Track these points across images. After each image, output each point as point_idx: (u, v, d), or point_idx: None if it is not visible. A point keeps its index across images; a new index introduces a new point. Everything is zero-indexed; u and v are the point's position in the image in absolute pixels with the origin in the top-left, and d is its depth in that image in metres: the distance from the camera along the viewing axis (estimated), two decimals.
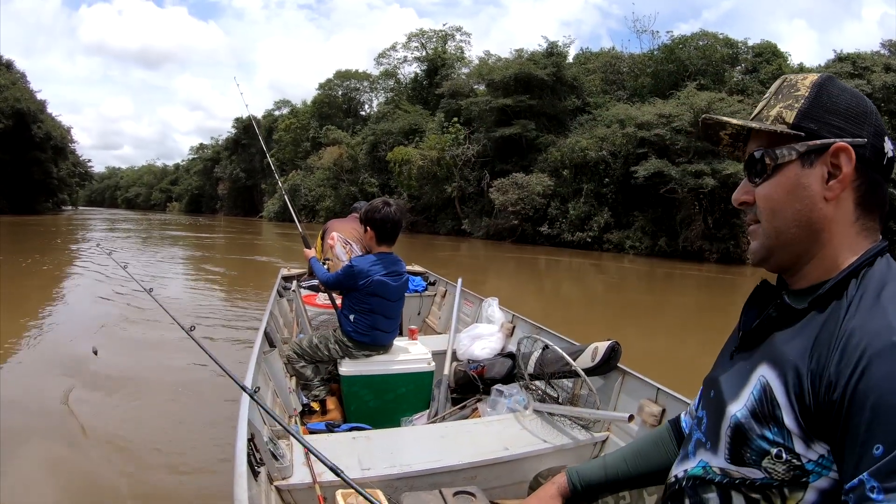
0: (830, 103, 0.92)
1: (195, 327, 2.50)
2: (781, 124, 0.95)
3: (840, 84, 0.95)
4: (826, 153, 0.90)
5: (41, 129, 45.22)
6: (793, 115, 0.94)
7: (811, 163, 0.92)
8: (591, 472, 1.37)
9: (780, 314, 0.95)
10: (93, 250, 16.37)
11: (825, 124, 0.91)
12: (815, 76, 0.96)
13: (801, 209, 0.93)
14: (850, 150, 0.88)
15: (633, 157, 24.80)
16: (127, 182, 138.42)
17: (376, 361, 3.24)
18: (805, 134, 0.93)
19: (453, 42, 49.40)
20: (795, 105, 0.95)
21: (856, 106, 0.92)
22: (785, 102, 0.96)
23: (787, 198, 0.94)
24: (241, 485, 1.63)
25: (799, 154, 0.93)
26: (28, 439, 3.76)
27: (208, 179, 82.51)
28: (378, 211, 3.21)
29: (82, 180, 68.82)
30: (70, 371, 5.26)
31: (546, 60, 32.06)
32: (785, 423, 0.86)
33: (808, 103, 0.93)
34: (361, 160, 44.25)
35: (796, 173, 0.93)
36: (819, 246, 0.94)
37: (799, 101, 0.95)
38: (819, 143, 0.91)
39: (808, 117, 0.93)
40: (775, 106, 0.98)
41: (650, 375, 2.62)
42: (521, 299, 11.10)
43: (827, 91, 0.93)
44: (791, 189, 0.94)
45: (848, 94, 0.93)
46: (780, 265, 1.00)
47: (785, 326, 0.94)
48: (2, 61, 46.54)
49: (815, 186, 0.91)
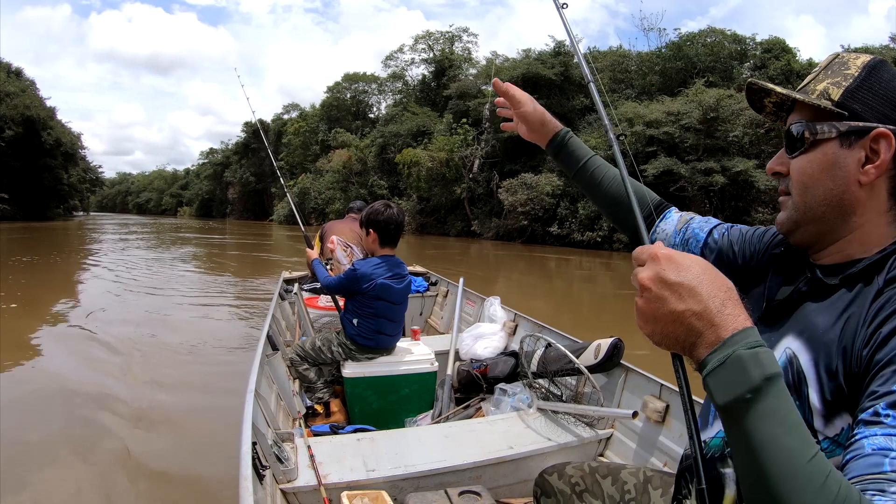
0: (880, 87, 0.89)
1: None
2: (826, 100, 0.92)
3: (893, 70, 0.91)
4: (867, 137, 0.88)
5: (51, 135, 45.64)
6: (839, 93, 0.91)
7: (850, 144, 0.89)
8: (578, 147, 1.45)
9: (811, 288, 0.94)
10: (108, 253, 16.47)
11: (870, 107, 0.89)
12: (868, 57, 0.93)
13: (833, 188, 0.91)
14: (891, 138, 0.86)
15: (643, 156, 24.67)
16: (138, 187, 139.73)
17: (379, 363, 3.24)
18: (849, 114, 0.90)
19: (460, 43, 49.60)
20: (843, 83, 0.91)
21: None
22: (833, 79, 0.93)
23: (821, 175, 0.93)
24: (247, 488, 1.63)
25: (839, 133, 0.90)
26: (30, 443, 3.80)
27: (218, 184, 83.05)
28: (381, 213, 3.20)
29: (93, 186, 69.35)
30: (70, 374, 5.32)
31: (553, 60, 32.05)
32: (810, 398, 0.84)
33: (857, 83, 0.90)
34: (370, 162, 44.38)
35: (834, 152, 0.91)
36: (847, 229, 0.92)
37: (847, 79, 0.91)
38: (861, 126, 0.88)
39: (854, 97, 0.90)
40: (823, 80, 0.95)
41: (654, 372, 2.61)
42: (530, 300, 11.09)
43: (878, 74, 0.90)
44: (826, 167, 0.92)
45: None
46: (805, 240, 0.98)
47: (814, 300, 0.92)
48: (11, 69, 47.03)
49: (851, 168, 0.89)
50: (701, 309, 0.71)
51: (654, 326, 0.76)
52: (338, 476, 2.07)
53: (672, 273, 0.73)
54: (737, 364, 0.66)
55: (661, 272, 0.74)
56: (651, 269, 0.76)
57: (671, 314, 0.73)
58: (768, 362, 0.66)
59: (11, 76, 45.95)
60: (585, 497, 1.45)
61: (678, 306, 0.72)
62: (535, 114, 1.46)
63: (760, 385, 0.65)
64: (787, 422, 0.64)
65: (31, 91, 47.17)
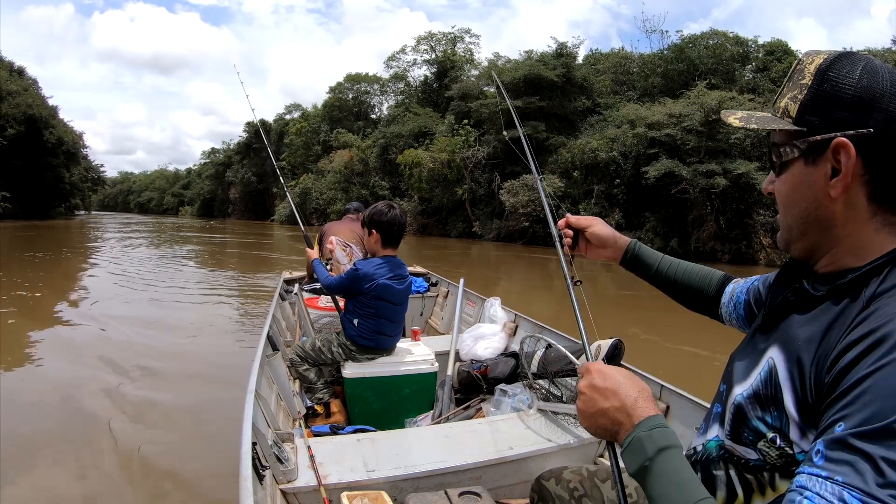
0: (833, 92, 0.86)
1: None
2: (787, 118, 0.92)
3: (849, 65, 0.86)
4: (828, 149, 0.85)
5: (53, 134, 45.69)
6: (796, 109, 0.90)
7: (814, 160, 0.88)
8: (648, 255, 1.49)
9: (797, 298, 0.94)
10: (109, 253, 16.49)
11: (827, 116, 0.86)
12: (822, 58, 0.89)
13: (808, 207, 0.91)
14: (847, 145, 0.83)
15: (644, 158, 24.67)
16: (139, 187, 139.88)
17: (380, 363, 3.24)
18: (808, 129, 0.88)
19: (462, 44, 49.60)
20: (799, 96, 0.90)
21: (863, 90, 0.84)
22: (792, 92, 0.91)
23: (794, 195, 0.93)
24: (247, 488, 1.64)
25: (801, 151, 0.89)
26: (32, 442, 3.81)
27: (220, 184, 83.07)
28: (384, 214, 3.21)
29: (95, 185, 69.31)
30: (68, 375, 5.32)
31: (555, 61, 31.99)
32: (786, 406, 0.85)
33: (811, 95, 0.88)
34: (372, 163, 44.39)
35: (801, 171, 0.90)
36: (833, 241, 0.90)
37: (802, 91, 0.89)
38: (819, 139, 0.86)
39: (809, 110, 0.88)
40: (786, 95, 0.93)
41: (654, 373, 2.61)
42: (530, 300, 11.09)
43: (830, 78, 0.86)
44: (796, 187, 0.92)
45: (854, 79, 0.85)
46: (800, 254, 0.98)
47: (801, 311, 0.92)
48: (13, 68, 47.09)
49: (819, 184, 0.88)
50: (620, 405, 0.93)
51: (590, 420, 0.98)
52: (338, 476, 2.07)
53: (599, 381, 0.97)
54: (638, 443, 0.88)
55: (592, 380, 0.98)
56: (586, 379, 1.00)
57: (600, 410, 0.95)
58: (661, 439, 0.87)
59: (14, 75, 46.02)
60: (585, 502, 1.43)
61: (604, 404, 0.95)
62: (606, 230, 1.52)
63: (653, 456, 0.85)
64: (673, 480, 0.83)
65: (34, 90, 47.25)
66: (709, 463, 1.01)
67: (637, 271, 1.50)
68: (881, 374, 0.69)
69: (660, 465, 0.84)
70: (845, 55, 0.88)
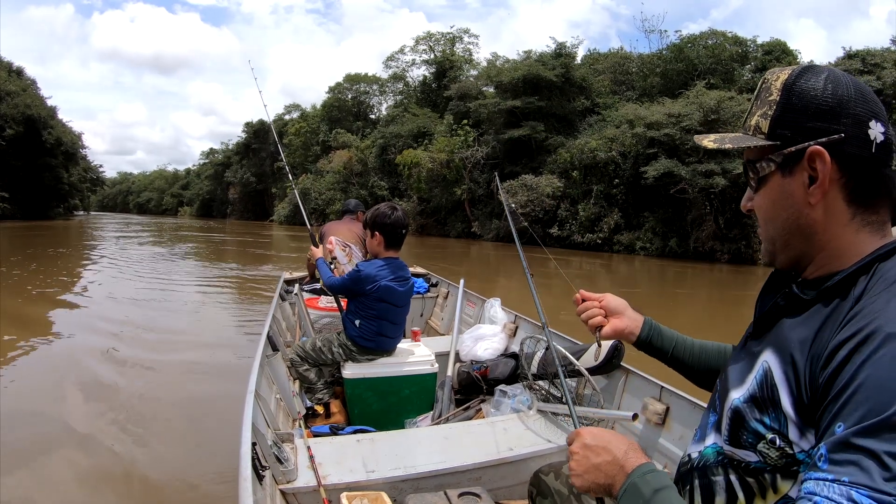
0: (801, 104, 0.90)
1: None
2: (760, 134, 0.95)
3: (813, 77, 0.91)
4: (803, 159, 0.89)
5: (52, 134, 45.55)
6: (767, 125, 0.94)
7: (791, 171, 0.91)
8: (663, 336, 1.44)
9: (787, 303, 0.95)
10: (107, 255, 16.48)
11: (798, 127, 0.89)
12: (787, 74, 0.93)
13: (789, 217, 0.93)
14: (821, 153, 0.86)
15: (643, 158, 24.67)
16: (139, 187, 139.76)
17: (380, 364, 3.23)
18: (781, 142, 0.91)
19: (461, 44, 49.60)
20: (769, 112, 0.94)
21: (830, 98, 0.88)
22: (761, 109, 0.95)
23: (774, 208, 0.96)
24: (246, 489, 1.63)
25: (777, 164, 0.93)
26: (31, 442, 3.81)
27: (219, 184, 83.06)
28: (388, 217, 3.20)
29: (94, 185, 69.14)
30: (65, 375, 5.32)
31: (554, 62, 31.98)
32: (783, 407, 0.86)
33: (780, 110, 0.92)
34: (371, 163, 44.41)
35: (779, 183, 0.93)
36: (816, 247, 0.92)
37: (772, 107, 0.93)
38: (794, 150, 0.90)
39: (780, 124, 0.92)
40: (755, 113, 0.97)
41: (655, 374, 2.60)
42: (529, 300, 11.05)
43: (797, 91, 0.90)
44: (776, 199, 0.95)
45: (820, 88, 0.89)
46: (785, 265, 1.00)
47: (792, 315, 0.93)
48: (12, 68, 47.04)
49: (798, 194, 0.91)
50: (611, 458, 1.00)
51: (584, 477, 1.03)
52: (337, 477, 2.07)
53: (590, 440, 1.05)
54: (633, 488, 0.94)
55: (583, 440, 1.06)
56: (578, 441, 1.07)
57: (593, 466, 1.02)
58: (655, 481, 0.93)
59: (12, 75, 45.95)
60: (584, 499, 1.41)
61: (597, 460, 1.02)
62: (617, 300, 1.51)
63: (650, 497, 0.91)
64: None
65: (32, 90, 47.17)
66: (706, 469, 1.02)
67: (652, 355, 1.47)
68: (872, 369, 0.71)
69: (658, 502, 0.91)
70: (808, 68, 0.93)
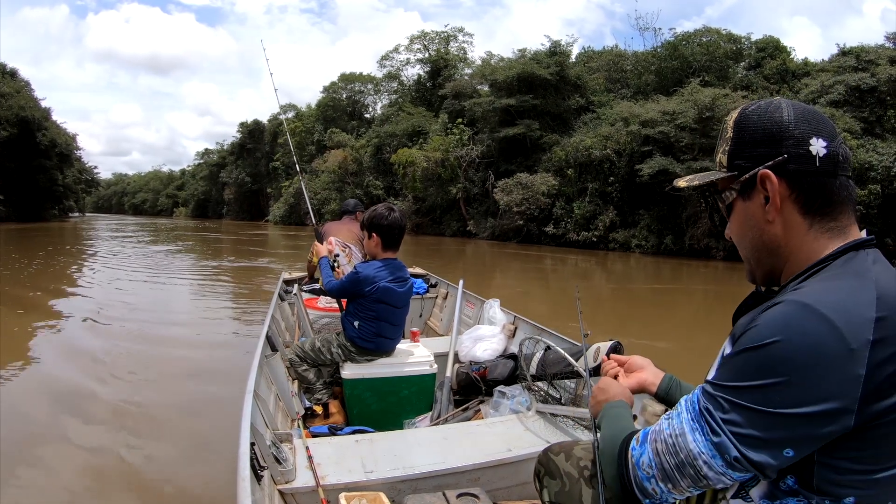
0: (749, 136, 1.04)
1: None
2: (722, 168, 1.10)
3: (756, 112, 1.04)
4: (756, 183, 1.02)
5: (46, 136, 45.41)
6: (726, 159, 1.09)
7: (749, 195, 1.06)
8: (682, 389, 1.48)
9: (754, 301, 1.12)
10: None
11: (749, 157, 1.03)
12: (737, 113, 1.07)
13: (754, 237, 1.08)
14: (768, 174, 1.00)
15: (638, 156, 24.70)
16: (134, 188, 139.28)
17: (379, 364, 3.23)
18: (738, 172, 1.06)
19: (456, 43, 49.51)
20: (726, 148, 1.08)
21: (771, 126, 1.01)
22: (722, 147, 1.10)
23: (742, 230, 1.11)
24: (245, 489, 1.64)
25: (737, 191, 1.08)
26: (29, 443, 3.81)
27: (214, 184, 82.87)
28: (385, 218, 3.19)
29: (89, 187, 68.85)
30: (63, 375, 5.31)
31: (549, 60, 31.97)
32: None
33: (734, 145, 1.07)
34: (366, 163, 44.34)
35: (742, 208, 1.09)
36: (783, 259, 1.05)
37: (728, 143, 1.08)
38: (747, 177, 1.04)
39: (736, 156, 1.06)
40: (718, 152, 1.12)
41: None
42: (525, 300, 11.09)
43: (744, 125, 1.05)
44: (742, 222, 1.10)
45: (761, 118, 1.02)
46: (763, 281, 1.13)
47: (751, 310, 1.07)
48: (6, 70, 46.86)
49: (758, 214, 1.05)
50: (605, 398, 1.38)
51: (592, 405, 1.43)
52: (336, 477, 2.07)
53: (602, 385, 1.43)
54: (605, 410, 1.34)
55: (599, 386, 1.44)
56: (596, 386, 1.45)
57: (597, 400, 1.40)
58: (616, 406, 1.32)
59: (6, 77, 45.76)
60: (593, 482, 1.38)
61: (600, 396, 1.40)
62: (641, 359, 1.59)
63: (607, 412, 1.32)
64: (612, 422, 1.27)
65: (26, 92, 47.00)
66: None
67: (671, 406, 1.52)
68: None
69: (609, 414, 1.30)
70: (753, 104, 1.07)
